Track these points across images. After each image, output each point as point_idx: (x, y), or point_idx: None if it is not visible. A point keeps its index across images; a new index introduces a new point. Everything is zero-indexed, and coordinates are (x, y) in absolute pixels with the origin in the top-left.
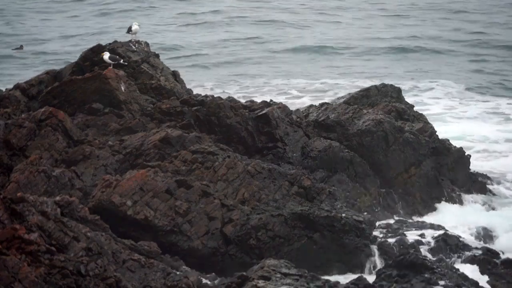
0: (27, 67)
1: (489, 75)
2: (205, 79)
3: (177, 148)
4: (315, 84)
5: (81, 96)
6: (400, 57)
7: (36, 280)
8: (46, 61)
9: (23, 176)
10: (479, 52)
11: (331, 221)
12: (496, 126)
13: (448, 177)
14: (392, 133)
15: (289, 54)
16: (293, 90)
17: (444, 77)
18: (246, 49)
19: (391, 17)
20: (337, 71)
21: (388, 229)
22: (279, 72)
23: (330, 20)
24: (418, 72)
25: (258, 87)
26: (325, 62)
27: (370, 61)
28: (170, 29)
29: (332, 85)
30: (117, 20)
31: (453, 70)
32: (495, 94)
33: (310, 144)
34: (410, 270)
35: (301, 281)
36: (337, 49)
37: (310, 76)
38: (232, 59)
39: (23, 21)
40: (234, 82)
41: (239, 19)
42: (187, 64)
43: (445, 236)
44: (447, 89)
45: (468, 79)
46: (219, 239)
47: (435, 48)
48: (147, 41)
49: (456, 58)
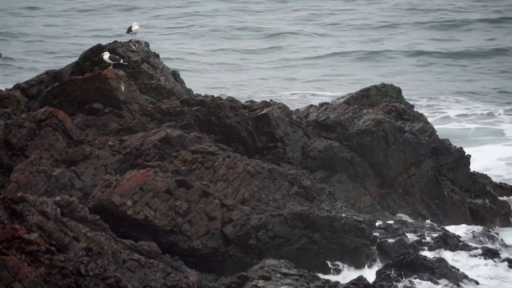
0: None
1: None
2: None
3: (177, 148)
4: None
5: (81, 96)
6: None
7: (36, 280)
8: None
9: (23, 176)
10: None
11: (331, 221)
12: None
13: (448, 177)
14: (392, 133)
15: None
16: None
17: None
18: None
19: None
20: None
21: (388, 229)
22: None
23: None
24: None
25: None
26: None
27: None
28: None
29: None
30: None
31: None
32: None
33: (310, 144)
34: (410, 270)
35: (301, 281)
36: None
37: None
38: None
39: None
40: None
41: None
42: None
43: (445, 236)
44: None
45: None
46: (219, 239)
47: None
48: (147, 42)
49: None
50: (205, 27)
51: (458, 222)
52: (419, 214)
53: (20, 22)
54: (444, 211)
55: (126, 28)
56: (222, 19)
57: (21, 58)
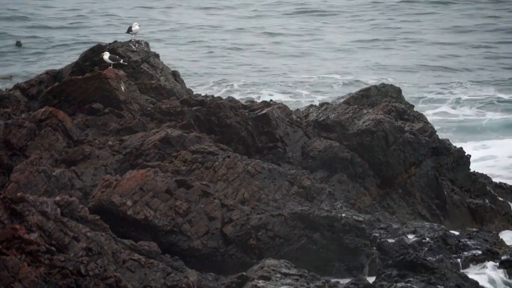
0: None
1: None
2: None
3: (177, 148)
4: None
5: (81, 96)
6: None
7: (36, 280)
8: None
9: (23, 176)
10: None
11: (331, 221)
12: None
13: (448, 177)
14: (392, 133)
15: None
16: None
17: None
18: None
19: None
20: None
21: (388, 229)
22: None
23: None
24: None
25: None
26: None
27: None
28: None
29: None
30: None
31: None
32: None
33: (310, 144)
34: (410, 270)
35: (301, 281)
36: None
37: None
38: None
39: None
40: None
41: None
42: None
43: (444, 236)
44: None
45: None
46: (219, 239)
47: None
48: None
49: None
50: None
51: (458, 222)
52: (419, 214)
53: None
54: (444, 211)
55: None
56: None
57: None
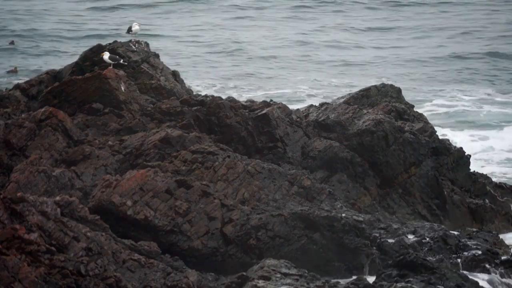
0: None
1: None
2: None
3: (177, 148)
4: None
5: (81, 96)
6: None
7: (36, 280)
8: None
9: (23, 176)
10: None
11: (331, 221)
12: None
13: (448, 177)
14: (392, 133)
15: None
16: None
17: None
18: None
19: None
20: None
21: (388, 229)
22: None
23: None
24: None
25: None
26: None
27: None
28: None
29: None
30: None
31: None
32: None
33: (310, 144)
34: (410, 270)
35: (301, 281)
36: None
37: None
38: None
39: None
40: None
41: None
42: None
43: (445, 236)
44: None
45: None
46: (219, 239)
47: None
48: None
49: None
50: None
51: (458, 222)
52: (419, 214)
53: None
54: (444, 211)
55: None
56: None
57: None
